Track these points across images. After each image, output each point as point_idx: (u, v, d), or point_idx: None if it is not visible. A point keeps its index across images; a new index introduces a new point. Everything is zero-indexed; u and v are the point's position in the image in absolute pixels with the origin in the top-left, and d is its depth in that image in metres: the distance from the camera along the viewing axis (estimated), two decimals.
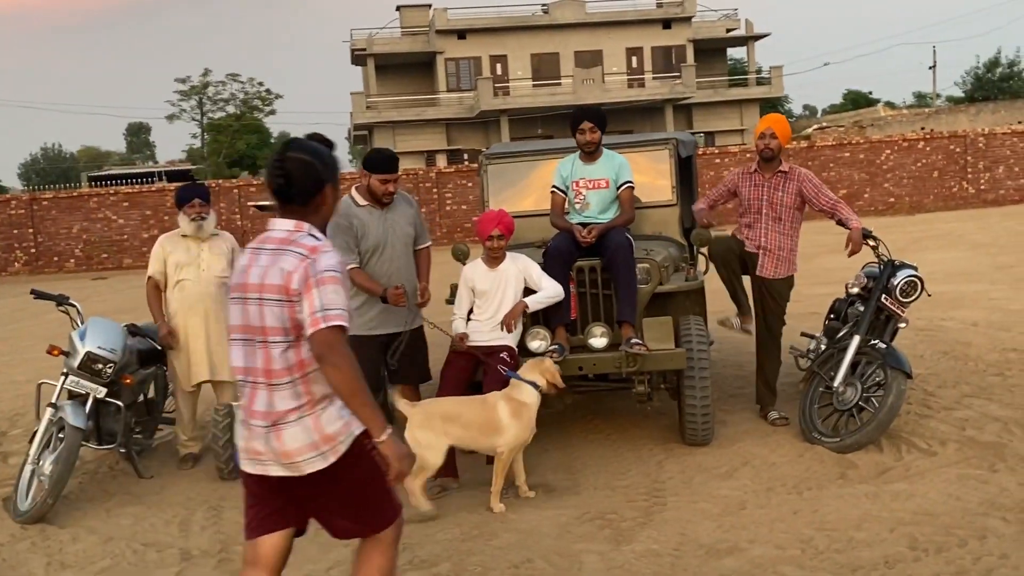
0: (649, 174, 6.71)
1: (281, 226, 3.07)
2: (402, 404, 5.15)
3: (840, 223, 6.16)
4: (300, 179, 3.02)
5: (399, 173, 5.58)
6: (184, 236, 6.26)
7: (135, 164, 64.98)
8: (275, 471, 3.05)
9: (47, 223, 24.69)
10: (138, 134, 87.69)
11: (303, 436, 3.00)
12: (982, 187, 26.81)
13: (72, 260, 24.73)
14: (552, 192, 6.19)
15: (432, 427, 5.03)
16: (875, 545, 4.33)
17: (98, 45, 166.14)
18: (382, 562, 3.17)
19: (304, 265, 2.94)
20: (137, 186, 26.46)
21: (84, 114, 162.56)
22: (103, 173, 41.61)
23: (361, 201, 5.50)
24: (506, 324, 5.59)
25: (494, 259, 5.69)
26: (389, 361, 5.60)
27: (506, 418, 5.08)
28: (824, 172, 26.48)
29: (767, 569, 4.16)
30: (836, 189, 26.34)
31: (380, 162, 5.47)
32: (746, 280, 6.51)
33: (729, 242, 6.46)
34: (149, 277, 6.29)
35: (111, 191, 25.49)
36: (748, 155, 23.94)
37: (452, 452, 5.28)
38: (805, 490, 5.12)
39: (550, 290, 5.64)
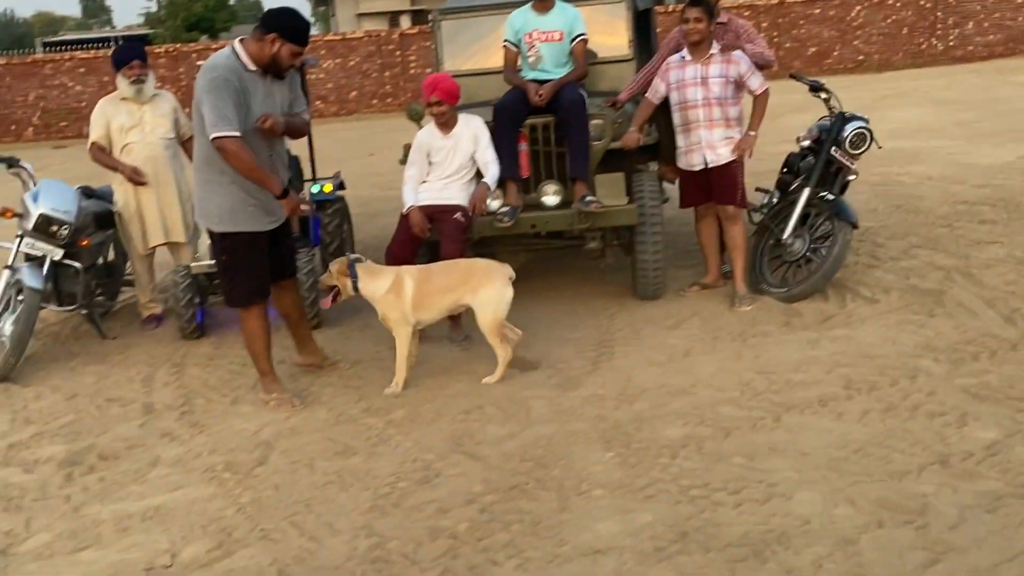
0: (605, 28, 6.59)
1: None
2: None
3: (757, 55, 6.01)
4: None
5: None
6: (124, 99, 6.17)
7: (92, 29, 62.87)
8: None
9: (2, 90, 24.05)
10: None
11: None
12: (951, 43, 26.56)
13: (30, 128, 24.20)
14: (504, 46, 6.10)
15: None
16: (811, 386, 4.52)
17: None
18: None
19: None
20: (93, 51, 25.68)
21: None
22: (58, 39, 40.30)
23: (250, 65, 4.46)
24: (475, 207, 5.56)
25: (443, 124, 5.60)
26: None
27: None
28: (794, 30, 26.13)
29: (706, 409, 4.35)
30: (806, 47, 26.08)
31: (303, 32, 4.55)
32: None
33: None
34: (92, 143, 6.20)
35: (67, 56, 24.73)
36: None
37: None
38: (749, 338, 5.30)
39: (495, 168, 5.60)
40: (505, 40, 6.09)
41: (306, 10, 55.51)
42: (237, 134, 4.32)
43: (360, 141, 16.74)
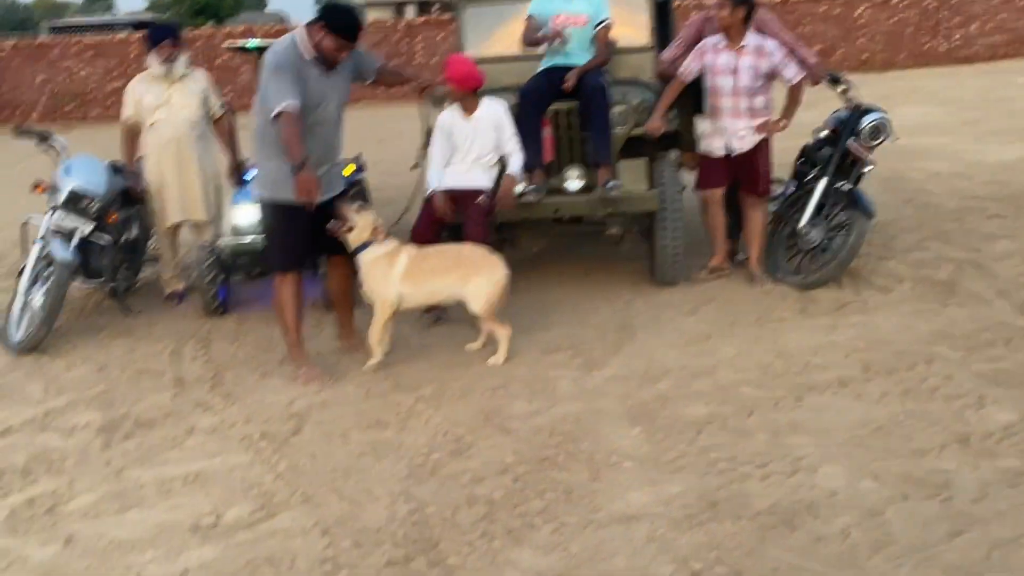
0: (626, 17, 6.69)
1: None
2: None
3: (800, 61, 6.15)
4: None
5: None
6: (155, 78, 6.26)
7: (95, 14, 62.72)
8: None
9: (9, 73, 24.07)
10: None
11: None
12: (955, 44, 26.68)
13: (36, 112, 24.24)
14: (528, 18, 6.13)
15: None
16: (830, 368, 4.63)
17: None
18: None
19: None
20: (100, 35, 25.70)
21: None
22: (64, 23, 40.20)
23: (307, 55, 4.70)
24: (503, 202, 5.61)
25: (468, 108, 5.64)
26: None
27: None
28: (799, 27, 26.17)
29: (729, 390, 4.46)
30: (811, 44, 26.09)
31: (348, 28, 4.68)
32: None
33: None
34: (123, 121, 6.32)
35: (74, 40, 24.77)
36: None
37: None
38: (767, 323, 5.41)
39: (518, 158, 5.66)
40: (529, 15, 6.13)
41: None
42: (296, 103, 4.51)
43: (367, 128, 16.79)
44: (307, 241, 4.98)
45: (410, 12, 38.09)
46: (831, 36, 26.49)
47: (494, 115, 5.67)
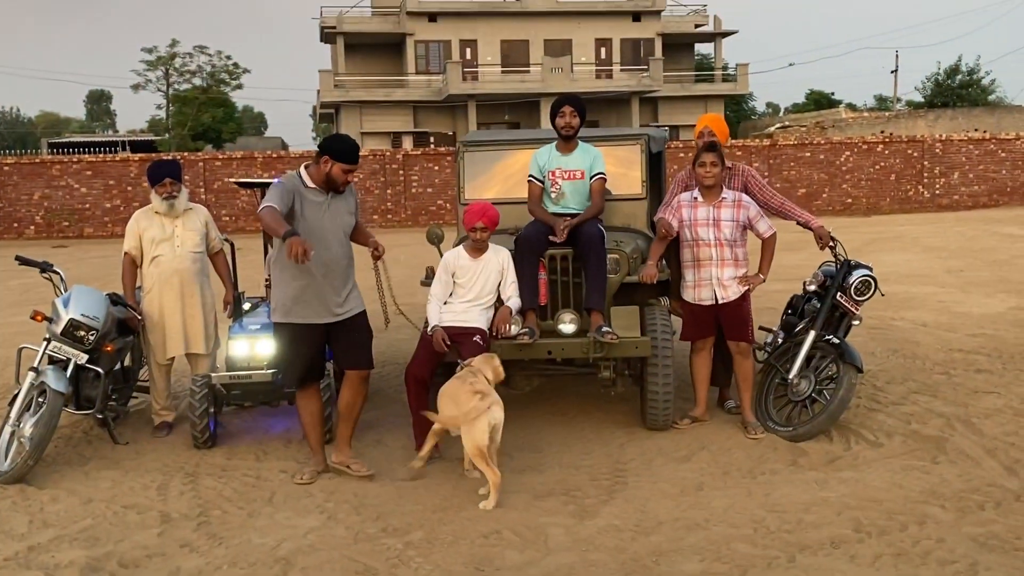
0: (621, 167, 6.92)
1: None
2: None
3: (803, 225, 6.44)
4: None
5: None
6: (158, 213, 6.41)
7: (95, 132, 64.05)
8: None
9: (8, 189, 24.44)
10: (99, 101, 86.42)
11: None
12: (937, 192, 27.47)
13: (32, 227, 24.50)
14: (529, 181, 6.38)
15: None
16: (822, 527, 4.61)
17: (58, 9, 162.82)
18: None
19: None
20: (101, 155, 26.23)
21: (45, 80, 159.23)
22: (64, 140, 41.07)
23: (309, 183, 5.30)
24: (498, 330, 5.83)
25: (477, 249, 5.90)
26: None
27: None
28: (785, 171, 26.97)
29: (722, 545, 4.43)
30: (796, 188, 26.88)
31: (349, 152, 5.30)
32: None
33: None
34: (125, 253, 6.46)
35: (75, 159, 25.27)
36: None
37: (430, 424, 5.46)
38: (759, 475, 5.41)
39: (517, 301, 5.93)
40: (530, 176, 6.37)
41: (308, 125, 56.75)
42: (273, 205, 5.01)
43: (361, 254, 16.99)
44: (320, 358, 5.51)
45: (407, 143, 39.07)
46: (817, 180, 27.26)
47: (500, 260, 5.93)
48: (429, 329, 5.78)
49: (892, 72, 53.09)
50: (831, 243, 6.26)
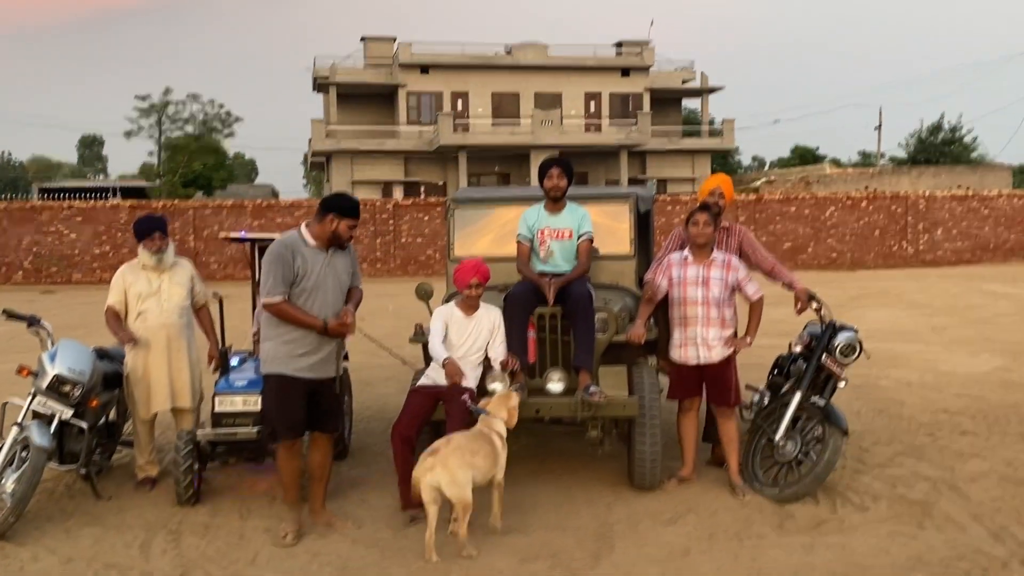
0: (609, 226, 6.98)
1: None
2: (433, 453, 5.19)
3: (787, 286, 6.51)
4: None
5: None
6: (144, 267, 6.40)
7: (87, 177, 64.19)
8: None
9: None
10: (91, 147, 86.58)
11: None
12: (921, 247, 27.72)
13: (20, 272, 24.44)
14: (518, 242, 6.43)
15: (465, 464, 5.14)
16: None
17: (52, 54, 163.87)
18: None
19: None
20: (91, 201, 26.27)
21: (37, 124, 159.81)
22: (55, 185, 41.12)
23: (311, 241, 5.42)
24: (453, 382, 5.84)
25: (471, 307, 5.95)
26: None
27: (500, 449, 5.37)
28: (770, 225, 27.19)
29: None
30: (782, 242, 27.09)
31: (354, 208, 5.48)
32: None
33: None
34: (108, 306, 6.40)
35: (65, 205, 25.30)
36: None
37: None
38: (745, 538, 5.38)
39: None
40: (519, 236, 6.41)
41: (299, 173, 57.01)
42: (279, 299, 5.27)
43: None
44: (304, 412, 5.46)
45: (397, 192, 39.27)
46: (802, 235, 27.48)
47: (492, 319, 6.00)
48: (440, 361, 5.85)
49: (876, 128, 53.75)
50: (816, 306, 6.31)
